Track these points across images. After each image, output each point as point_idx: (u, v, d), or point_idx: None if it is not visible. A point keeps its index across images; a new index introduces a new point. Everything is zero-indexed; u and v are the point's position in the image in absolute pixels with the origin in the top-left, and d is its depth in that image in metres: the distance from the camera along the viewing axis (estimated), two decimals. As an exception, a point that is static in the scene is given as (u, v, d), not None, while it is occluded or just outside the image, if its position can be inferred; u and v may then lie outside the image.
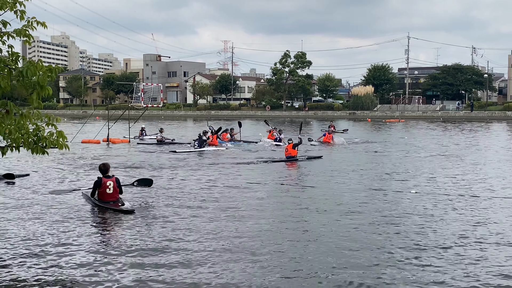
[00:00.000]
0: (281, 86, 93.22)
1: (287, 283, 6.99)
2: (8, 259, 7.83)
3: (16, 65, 6.48)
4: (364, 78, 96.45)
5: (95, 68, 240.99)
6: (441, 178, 16.03)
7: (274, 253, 8.22)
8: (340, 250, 8.37)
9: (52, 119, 6.73)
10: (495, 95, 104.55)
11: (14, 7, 6.55)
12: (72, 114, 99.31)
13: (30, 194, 13.09)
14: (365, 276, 7.17)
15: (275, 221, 10.33)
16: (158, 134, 30.36)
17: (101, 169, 11.42)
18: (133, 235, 9.22)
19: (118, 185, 11.33)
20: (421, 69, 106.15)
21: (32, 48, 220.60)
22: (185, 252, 8.22)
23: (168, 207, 11.53)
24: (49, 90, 6.42)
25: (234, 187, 14.20)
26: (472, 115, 75.71)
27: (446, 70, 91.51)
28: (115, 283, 6.92)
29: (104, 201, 11.17)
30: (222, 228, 9.68)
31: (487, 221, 10.38)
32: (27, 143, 6.62)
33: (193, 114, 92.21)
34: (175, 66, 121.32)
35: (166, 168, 18.49)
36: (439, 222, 10.26)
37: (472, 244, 8.77)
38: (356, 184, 14.95)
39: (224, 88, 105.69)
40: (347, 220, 10.38)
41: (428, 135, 38.22)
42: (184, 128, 51.63)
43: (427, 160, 21.29)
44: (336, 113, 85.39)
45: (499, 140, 33.53)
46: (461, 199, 12.65)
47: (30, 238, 8.99)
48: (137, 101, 36.10)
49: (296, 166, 19.44)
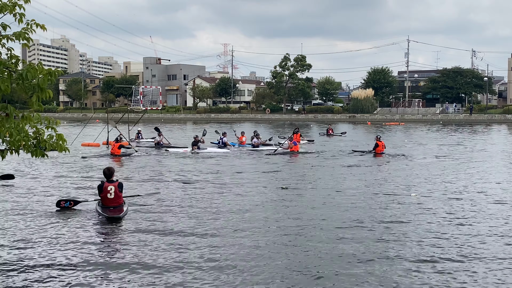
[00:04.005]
0: (281, 89, 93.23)
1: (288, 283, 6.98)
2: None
3: (16, 68, 6.47)
4: (364, 81, 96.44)
5: (95, 71, 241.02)
6: (441, 182, 16.00)
7: (274, 254, 8.20)
8: (339, 250, 8.35)
9: (52, 122, 6.71)
10: (495, 98, 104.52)
11: (13, 10, 6.54)
12: (72, 117, 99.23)
13: (21, 197, 13.07)
14: (364, 277, 7.16)
15: (274, 224, 10.32)
16: (156, 137, 30.40)
17: (105, 173, 11.25)
18: (122, 243, 9.20)
19: (121, 190, 11.17)
20: (421, 72, 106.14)
21: (32, 51, 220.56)
22: (178, 254, 8.20)
23: (160, 210, 11.51)
24: (49, 93, 6.40)
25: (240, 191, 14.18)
26: (471, 118, 75.74)
27: (446, 73, 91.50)
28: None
29: (105, 206, 11.04)
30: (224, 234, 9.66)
31: (486, 221, 10.37)
32: (27, 146, 6.60)
33: (193, 117, 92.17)
34: (175, 69, 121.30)
35: (169, 170, 18.47)
36: (439, 224, 10.24)
37: (472, 244, 8.75)
38: (356, 186, 14.92)
39: (224, 91, 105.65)
40: (346, 221, 10.36)
41: (428, 138, 38.18)
42: (183, 131, 51.56)
43: (427, 163, 21.26)
44: (336, 116, 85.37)
45: (500, 143, 33.50)
46: (461, 201, 12.63)
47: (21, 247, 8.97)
48: (137, 104, 36.07)
49: (293, 167, 19.40)
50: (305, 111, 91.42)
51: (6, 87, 6.28)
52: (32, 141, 6.61)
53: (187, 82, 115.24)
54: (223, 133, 29.86)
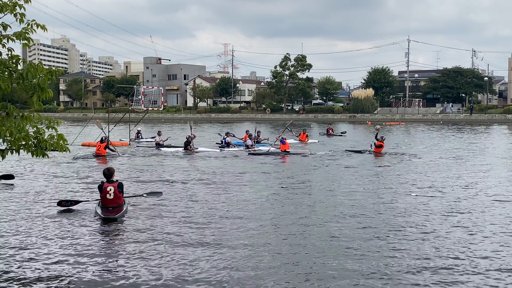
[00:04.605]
0: (282, 89, 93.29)
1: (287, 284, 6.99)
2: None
3: (17, 68, 6.47)
4: (364, 81, 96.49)
5: (96, 71, 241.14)
6: (442, 181, 15.99)
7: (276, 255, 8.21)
8: (339, 250, 8.36)
9: (53, 122, 6.72)
10: (495, 98, 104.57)
11: (14, 10, 6.54)
12: (72, 117, 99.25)
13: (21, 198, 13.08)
14: (364, 277, 7.16)
15: (277, 224, 10.33)
16: (156, 137, 30.44)
17: (105, 173, 11.23)
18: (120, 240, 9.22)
19: (121, 190, 11.13)
20: (421, 72, 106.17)
21: (33, 51, 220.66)
22: (179, 257, 8.22)
23: (158, 213, 11.52)
24: (50, 92, 6.40)
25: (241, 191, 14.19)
26: (472, 118, 75.73)
27: (447, 73, 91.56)
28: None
29: (105, 207, 11.04)
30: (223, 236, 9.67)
31: (486, 221, 10.37)
32: (28, 145, 6.60)
33: (193, 117, 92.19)
34: (175, 69, 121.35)
35: (169, 171, 18.48)
36: (439, 225, 10.24)
37: (472, 244, 8.76)
38: (356, 186, 14.92)
39: (224, 91, 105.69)
40: (346, 222, 10.36)
41: (428, 138, 38.19)
42: (183, 131, 51.51)
43: (427, 162, 21.25)
44: (337, 116, 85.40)
45: (500, 143, 33.50)
46: (461, 201, 12.63)
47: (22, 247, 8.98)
48: (138, 104, 36.04)
49: (291, 165, 19.41)
50: (305, 111, 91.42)
51: (6, 86, 6.29)
52: (33, 140, 6.62)
53: (188, 82, 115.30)
54: (226, 133, 29.74)
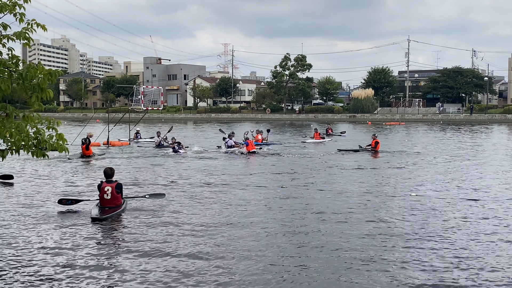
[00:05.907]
0: (282, 89, 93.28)
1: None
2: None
3: (16, 68, 6.47)
4: (364, 81, 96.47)
5: (96, 71, 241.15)
6: (442, 181, 15.99)
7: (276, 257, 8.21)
8: (338, 252, 8.36)
9: (53, 122, 6.71)
10: (495, 98, 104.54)
11: (13, 10, 6.53)
12: (72, 117, 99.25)
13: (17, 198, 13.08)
14: (364, 276, 7.16)
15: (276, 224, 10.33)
16: (155, 138, 30.49)
17: (105, 173, 11.25)
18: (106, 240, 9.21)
19: (119, 191, 11.12)
20: (422, 72, 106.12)
21: (33, 51, 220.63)
22: (176, 257, 8.21)
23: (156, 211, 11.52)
24: (50, 93, 6.40)
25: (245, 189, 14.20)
26: (472, 118, 75.73)
27: (447, 73, 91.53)
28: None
29: (102, 207, 11.02)
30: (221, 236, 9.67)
31: (486, 220, 10.37)
32: (28, 146, 6.60)
33: (193, 117, 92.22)
34: (175, 69, 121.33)
35: (168, 171, 18.48)
36: (439, 225, 10.24)
37: (472, 243, 8.76)
38: (356, 185, 14.91)
39: (224, 91, 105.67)
40: (346, 222, 10.36)
41: (428, 138, 38.18)
42: (184, 131, 51.58)
43: (427, 163, 21.25)
44: (337, 116, 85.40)
45: (500, 143, 33.50)
46: (461, 202, 12.62)
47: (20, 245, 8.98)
48: (137, 104, 36.04)
49: (291, 165, 19.40)
50: (304, 111, 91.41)
51: (6, 87, 6.28)
52: (33, 141, 6.61)
53: (188, 82, 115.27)
54: (230, 133, 28.14)
